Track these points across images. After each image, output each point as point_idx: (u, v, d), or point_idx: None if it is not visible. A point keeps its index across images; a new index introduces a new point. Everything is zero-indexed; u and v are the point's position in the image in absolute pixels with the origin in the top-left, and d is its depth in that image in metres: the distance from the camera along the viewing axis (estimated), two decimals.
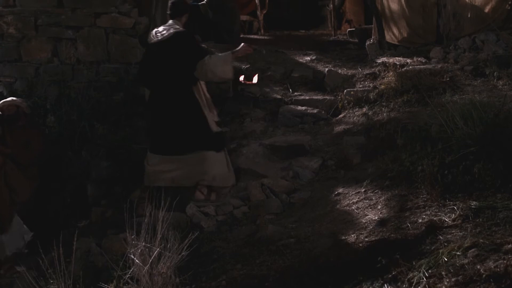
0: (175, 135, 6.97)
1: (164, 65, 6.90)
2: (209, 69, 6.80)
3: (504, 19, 9.79)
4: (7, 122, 6.81)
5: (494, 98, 6.76)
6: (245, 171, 7.10)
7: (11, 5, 8.55)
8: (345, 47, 11.93)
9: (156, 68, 6.97)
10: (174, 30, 6.96)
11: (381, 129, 7.12)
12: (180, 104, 6.88)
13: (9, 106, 6.89)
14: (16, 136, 6.79)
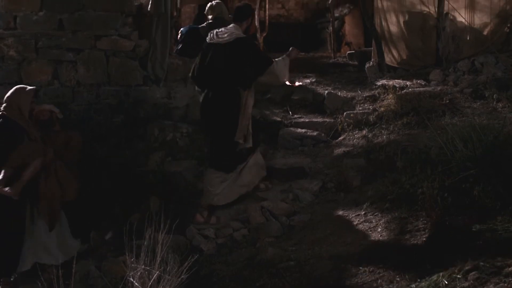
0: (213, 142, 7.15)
1: (221, 67, 7.01)
2: (276, 74, 7.10)
3: (503, 42, 9.85)
4: (43, 127, 6.92)
5: (494, 121, 6.77)
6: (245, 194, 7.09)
7: (12, 27, 8.56)
8: (344, 69, 11.95)
9: (212, 68, 7.06)
10: (236, 36, 7.12)
11: (381, 152, 7.13)
12: (224, 108, 6.99)
13: (44, 112, 7.01)
14: (53, 140, 6.88)
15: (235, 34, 7.14)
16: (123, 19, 8.56)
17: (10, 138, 6.46)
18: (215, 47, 7.12)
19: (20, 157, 6.41)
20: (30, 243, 6.44)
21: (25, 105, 6.66)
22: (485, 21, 10.02)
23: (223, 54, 7.03)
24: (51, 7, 8.47)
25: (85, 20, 8.46)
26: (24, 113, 6.63)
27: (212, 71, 7.05)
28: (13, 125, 6.51)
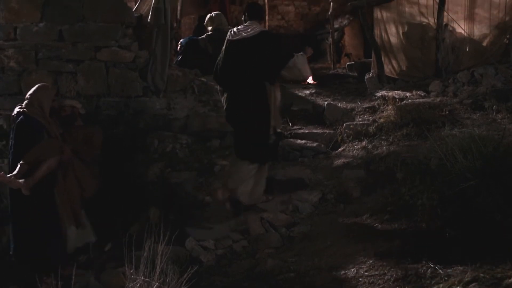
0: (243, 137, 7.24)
1: (247, 61, 7.13)
2: (298, 68, 7.28)
3: (502, 53, 9.87)
4: (65, 123, 7.03)
5: (493, 132, 6.77)
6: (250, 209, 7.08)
7: (12, 38, 8.57)
8: (344, 80, 11.96)
9: (238, 65, 7.17)
10: (260, 29, 7.27)
11: (381, 163, 7.13)
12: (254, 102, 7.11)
13: (65, 107, 7.15)
14: (75, 135, 6.97)
15: (259, 28, 7.28)
16: (123, 30, 8.57)
17: (30, 135, 6.54)
18: (240, 43, 7.20)
19: (36, 154, 6.45)
20: None
21: (46, 103, 6.76)
22: (485, 32, 10.04)
23: (249, 48, 7.15)
24: (52, 18, 8.48)
25: (85, 32, 8.46)
26: (45, 110, 6.71)
27: (238, 67, 7.17)
28: (33, 122, 6.58)
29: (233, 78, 7.24)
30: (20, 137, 6.54)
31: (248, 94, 7.12)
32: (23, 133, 6.53)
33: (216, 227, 6.76)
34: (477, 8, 10.04)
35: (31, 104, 6.65)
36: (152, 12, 8.71)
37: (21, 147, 6.48)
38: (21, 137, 6.53)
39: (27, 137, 6.53)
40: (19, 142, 6.53)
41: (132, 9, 9.26)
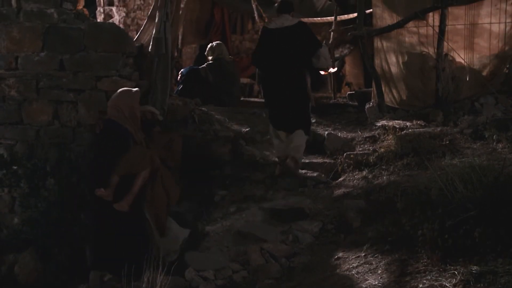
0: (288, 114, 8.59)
1: (285, 49, 8.50)
2: (325, 56, 8.64)
3: (502, 82, 9.87)
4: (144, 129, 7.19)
5: (494, 161, 6.76)
6: (245, 234, 7.04)
7: (13, 68, 8.58)
8: (345, 110, 11.96)
9: (277, 51, 8.54)
10: (297, 19, 8.91)
11: (381, 193, 7.11)
12: (296, 86, 8.55)
13: (146, 113, 7.37)
14: (156, 142, 7.15)
15: (296, 19, 8.84)
16: (124, 60, 8.58)
17: (118, 141, 6.67)
18: (280, 31, 8.61)
19: (128, 166, 6.57)
20: None
21: (130, 108, 6.93)
22: (484, 62, 10.06)
23: (290, 35, 8.53)
24: (53, 48, 8.50)
25: (86, 61, 8.48)
26: (130, 115, 6.87)
27: (280, 52, 8.50)
28: (121, 129, 6.72)
29: (275, 61, 8.56)
30: (106, 144, 6.67)
31: (292, 77, 8.50)
32: (111, 139, 6.65)
33: (216, 257, 6.72)
34: (476, 38, 10.06)
35: (116, 109, 6.83)
36: (153, 42, 8.75)
37: (107, 155, 6.60)
38: (107, 145, 6.66)
39: (115, 143, 6.65)
40: (106, 149, 6.66)
41: (133, 39, 9.29)
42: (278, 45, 8.52)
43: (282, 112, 8.64)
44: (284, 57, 8.48)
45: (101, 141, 6.64)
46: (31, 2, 8.45)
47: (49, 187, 7.93)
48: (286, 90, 8.54)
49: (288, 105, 8.57)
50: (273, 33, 8.67)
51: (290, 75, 8.51)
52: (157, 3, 9.38)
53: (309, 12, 15.46)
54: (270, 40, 8.69)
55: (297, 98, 8.57)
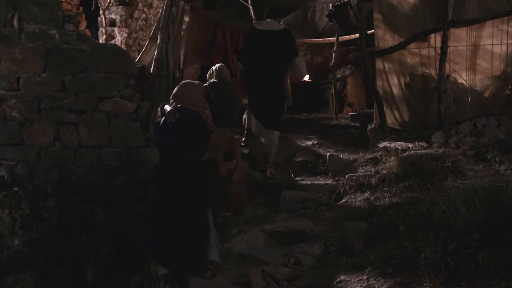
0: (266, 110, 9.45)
1: (270, 50, 9.33)
2: (298, 66, 9.55)
3: (504, 104, 9.85)
4: None
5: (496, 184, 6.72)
6: (246, 257, 6.99)
7: (14, 89, 8.60)
8: (346, 131, 11.95)
9: (262, 51, 9.37)
10: (284, 26, 9.94)
11: (383, 215, 7.06)
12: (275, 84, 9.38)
13: None
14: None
15: (282, 25, 9.91)
16: (125, 81, 8.59)
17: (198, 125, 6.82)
18: (268, 33, 9.48)
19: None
20: None
21: (200, 98, 7.12)
22: (486, 83, 10.05)
23: (275, 39, 9.40)
24: (54, 68, 8.53)
25: (88, 82, 8.50)
26: (199, 104, 6.97)
27: (264, 52, 9.34)
28: (195, 113, 6.85)
29: (260, 60, 9.38)
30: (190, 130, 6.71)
31: (273, 76, 9.36)
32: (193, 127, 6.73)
33: (218, 280, 6.67)
34: (478, 59, 10.06)
35: (188, 98, 6.87)
36: (155, 63, 8.77)
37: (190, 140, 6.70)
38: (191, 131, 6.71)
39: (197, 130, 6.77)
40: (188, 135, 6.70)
41: (134, 60, 9.33)
42: (263, 46, 9.37)
43: (261, 106, 9.50)
44: (268, 58, 9.33)
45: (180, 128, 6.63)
46: (33, 23, 8.49)
47: (50, 208, 7.89)
48: (266, 87, 9.42)
49: (267, 101, 9.42)
50: (260, 34, 9.52)
51: (271, 74, 9.38)
52: (158, 24, 9.43)
53: (311, 33, 15.50)
54: (256, 40, 9.56)
55: (275, 96, 9.50)
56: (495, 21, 9.83)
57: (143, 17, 15.25)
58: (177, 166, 6.69)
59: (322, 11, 15.58)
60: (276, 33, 9.49)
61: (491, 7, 9.85)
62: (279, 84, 9.51)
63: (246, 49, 9.80)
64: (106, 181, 8.09)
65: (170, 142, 6.72)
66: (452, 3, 9.79)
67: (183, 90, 6.98)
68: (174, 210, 6.66)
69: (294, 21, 15.64)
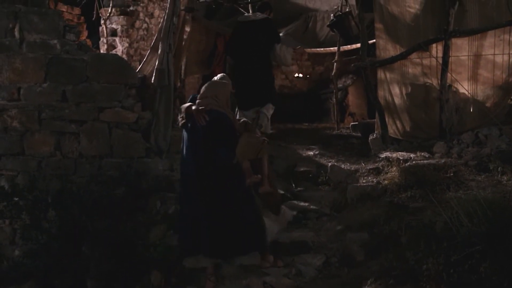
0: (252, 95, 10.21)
1: (251, 39, 10.17)
2: (279, 54, 10.33)
3: (506, 114, 9.85)
4: None
5: (499, 194, 6.71)
6: (247, 268, 6.97)
7: (15, 99, 8.59)
8: (348, 141, 11.93)
9: (244, 40, 10.28)
10: (265, 16, 10.52)
11: (385, 226, 7.03)
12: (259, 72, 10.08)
13: None
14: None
15: (264, 15, 10.48)
16: (126, 91, 8.58)
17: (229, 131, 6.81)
18: (248, 25, 10.42)
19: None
20: None
21: (226, 97, 7.03)
22: (488, 93, 10.03)
23: (255, 29, 10.25)
24: (55, 78, 8.52)
25: (89, 92, 8.49)
26: (226, 104, 6.95)
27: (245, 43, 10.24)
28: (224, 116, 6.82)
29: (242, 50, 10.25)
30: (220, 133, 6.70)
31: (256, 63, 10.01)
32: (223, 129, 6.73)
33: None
34: (480, 69, 10.04)
35: (215, 99, 6.83)
36: (156, 73, 8.75)
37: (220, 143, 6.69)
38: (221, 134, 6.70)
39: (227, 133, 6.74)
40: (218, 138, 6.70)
41: (135, 70, 9.32)
42: (246, 37, 10.29)
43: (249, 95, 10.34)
44: (250, 47, 10.20)
45: (210, 131, 6.62)
46: (34, 33, 8.49)
47: (50, 218, 7.87)
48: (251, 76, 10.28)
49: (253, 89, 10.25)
50: (242, 26, 10.51)
51: (254, 64, 10.11)
52: (159, 34, 9.41)
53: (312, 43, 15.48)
54: (239, 32, 10.54)
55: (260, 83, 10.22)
56: (496, 31, 9.82)
57: (144, 27, 15.25)
58: (206, 170, 6.70)
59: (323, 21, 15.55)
60: (256, 23, 10.34)
61: (492, 17, 9.84)
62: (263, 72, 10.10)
63: (231, 43, 10.73)
64: (106, 191, 8.07)
65: (198, 145, 6.71)
66: (454, 13, 9.78)
67: (210, 90, 6.96)
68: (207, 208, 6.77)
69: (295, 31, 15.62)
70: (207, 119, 6.59)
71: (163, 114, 8.64)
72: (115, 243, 7.42)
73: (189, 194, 6.89)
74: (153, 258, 7.25)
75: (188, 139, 6.85)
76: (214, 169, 6.68)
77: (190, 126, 6.78)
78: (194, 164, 6.79)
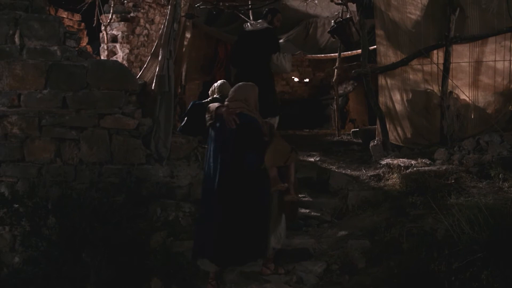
0: None
1: (252, 49, 10.08)
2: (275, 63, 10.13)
3: (507, 120, 9.83)
4: None
5: (500, 201, 6.69)
6: (248, 275, 6.94)
7: (15, 105, 8.57)
8: (349, 147, 11.91)
9: (245, 50, 10.20)
10: (266, 25, 10.30)
11: (386, 233, 7.01)
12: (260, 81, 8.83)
13: None
14: None
15: (265, 24, 10.29)
16: (126, 98, 8.57)
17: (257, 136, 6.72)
18: (251, 34, 10.31)
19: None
20: None
21: (255, 100, 6.95)
22: (489, 99, 10.02)
23: (257, 39, 10.16)
24: (56, 85, 8.50)
25: (89, 99, 8.47)
26: (255, 107, 6.88)
27: (248, 52, 10.14)
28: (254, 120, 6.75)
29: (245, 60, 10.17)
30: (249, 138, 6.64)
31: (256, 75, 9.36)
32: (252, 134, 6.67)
33: None
34: (481, 75, 10.04)
35: (245, 103, 6.79)
36: (156, 79, 8.74)
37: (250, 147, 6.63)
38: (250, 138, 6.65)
39: (255, 138, 6.67)
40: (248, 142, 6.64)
41: (136, 76, 9.30)
42: (246, 46, 10.24)
43: None
44: (251, 57, 10.09)
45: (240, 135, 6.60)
46: (34, 40, 8.47)
47: (50, 225, 7.84)
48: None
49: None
50: (245, 35, 10.45)
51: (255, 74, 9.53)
52: (160, 40, 9.40)
53: (312, 49, 15.50)
54: (241, 41, 10.52)
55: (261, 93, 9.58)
56: (497, 37, 9.83)
57: (145, 33, 15.25)
58: (232, 172, 6.64)
59: (324, 27, 15.58)
60: (258, 32, 10.25)
61: (493, 24, 9.83)
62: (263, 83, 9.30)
63: (233, 52, 10.75)
64: (107, 198, 8.04)
65: (226, 146, 6.68)
66: (455, 20, 9.78)
67: (240, 92, 6.93)
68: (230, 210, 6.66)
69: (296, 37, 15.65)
70: (237, 122, 6.58)
71: (163, 121, 8.63)
72: (115, 250, 7.40)
73: (210, 192, 6.83)
74: (153, 265, 7.23)
75: (216, 139, 6.81)
76: (240, 172, 6.65)
77: (219, 126, 6.75)
78: (220, 165, 6.74)
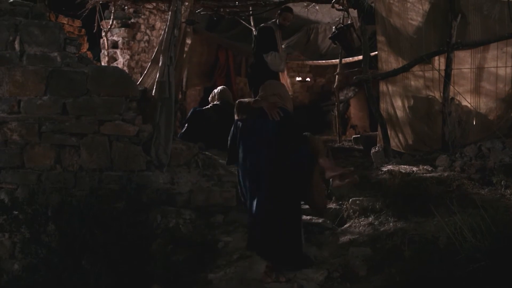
0: None
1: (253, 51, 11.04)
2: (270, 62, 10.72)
3: (509, 127, 9.80)
4: None
5: (502, 208, 6.65)
6: (248, 283, 6.91)
7: (15, 111, 8.56)
8: (350, 154, 11.88)
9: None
10: (263, 25, 11.06)
11: (388, 240, 6.97)
12: None
13: None
14: None
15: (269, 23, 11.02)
16: (127, 104, 8.56)
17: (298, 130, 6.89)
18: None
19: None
20: None
21: (287, 97, 7.09)
22: (491, 106, 10.00)
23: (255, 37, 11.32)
24: (56, 91, 8.49)
25: (89, 105, 8.47)
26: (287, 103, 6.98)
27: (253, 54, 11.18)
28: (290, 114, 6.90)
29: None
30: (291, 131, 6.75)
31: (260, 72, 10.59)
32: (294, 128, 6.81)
33: None
34: (483, 82, 10.01)
35: (280, 98, 6.92)
36: (157, 85, 8.73)
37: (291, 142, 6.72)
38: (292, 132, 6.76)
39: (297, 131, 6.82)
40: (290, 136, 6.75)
41: (136, 83, 9.30)
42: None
43: None
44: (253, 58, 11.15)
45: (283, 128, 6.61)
46: (35, 46, 8.46)
47: (50, 232, 7.80)
48: None
49: None
50: None
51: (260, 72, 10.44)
52: (160, 46, 9.39)
53: (313, 55, 15.49)
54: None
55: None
56: (499, 44, 9.80)
57: (145, 39, 15.24)
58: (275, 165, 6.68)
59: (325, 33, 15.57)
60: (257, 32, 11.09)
61: (495, 30, 9.81)
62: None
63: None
64: (107, 205, 8.01)
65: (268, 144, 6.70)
66: (456, 26, 9.75)
67: (270, 89, 6.98)
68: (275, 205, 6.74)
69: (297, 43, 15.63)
70: (281, 114, 6.59)
71: (164, 127, 8.62)
72: (115, 257, 7.36)
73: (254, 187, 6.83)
74: (153, 272, 7.20)
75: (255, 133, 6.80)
76: (284, 166, 6.63)
77: (254, 122, 6.76)
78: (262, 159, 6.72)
